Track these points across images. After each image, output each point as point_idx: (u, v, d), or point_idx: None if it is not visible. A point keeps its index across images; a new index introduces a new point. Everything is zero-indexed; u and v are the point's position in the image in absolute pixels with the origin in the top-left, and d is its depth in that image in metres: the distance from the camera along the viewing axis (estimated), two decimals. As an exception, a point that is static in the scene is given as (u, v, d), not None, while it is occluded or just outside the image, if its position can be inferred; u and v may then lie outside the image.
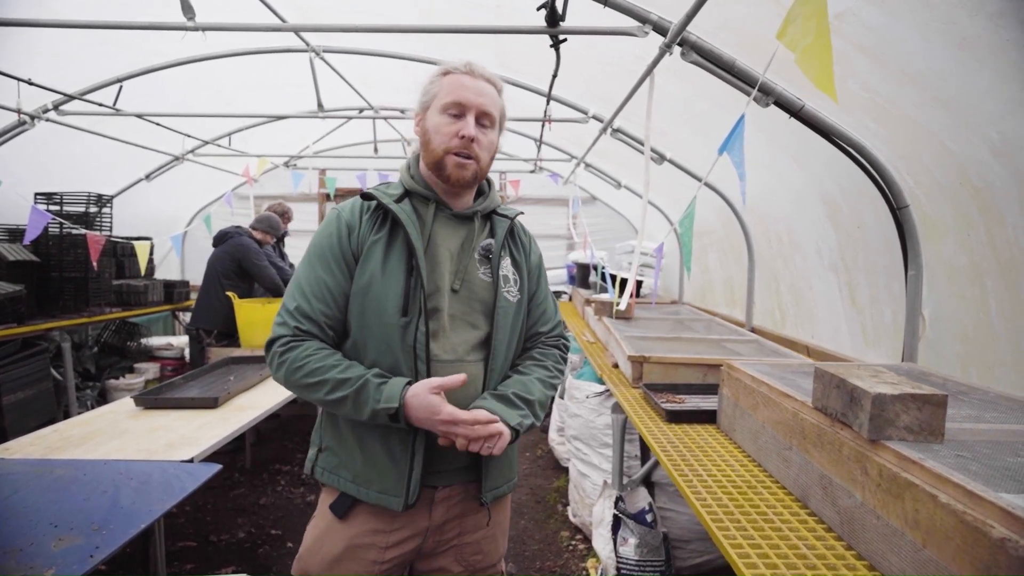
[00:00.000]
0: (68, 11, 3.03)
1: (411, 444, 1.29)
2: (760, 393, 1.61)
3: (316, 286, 1.31)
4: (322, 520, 1.37)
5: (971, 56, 1.49)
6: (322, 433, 1.40)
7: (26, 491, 1.69)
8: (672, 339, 2.98)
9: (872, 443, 1.12)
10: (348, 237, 1.33)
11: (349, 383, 1.24)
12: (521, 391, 1.36)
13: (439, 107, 1.32)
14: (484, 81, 1.33)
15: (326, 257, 1.33)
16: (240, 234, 4.64)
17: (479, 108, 1.31)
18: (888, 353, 2.42)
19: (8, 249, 4.06)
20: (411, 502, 1.29)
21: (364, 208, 1.37)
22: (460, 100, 1.30)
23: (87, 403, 4.60)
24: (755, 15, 2.01)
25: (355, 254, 1.33)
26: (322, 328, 1.31)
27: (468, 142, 1.30)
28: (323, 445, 1.39)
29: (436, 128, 1.32)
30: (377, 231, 1.33)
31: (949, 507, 0.89)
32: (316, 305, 1.31)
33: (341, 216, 1.36)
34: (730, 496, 1.43)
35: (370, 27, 2.70)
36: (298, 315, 1.30)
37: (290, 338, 1.30)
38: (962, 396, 1.48)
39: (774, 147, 2.87)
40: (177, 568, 2.93)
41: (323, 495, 1.40)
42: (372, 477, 1.30)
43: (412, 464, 1.29)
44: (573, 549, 3.22)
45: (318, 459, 1.39)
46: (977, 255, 1.89)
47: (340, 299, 1.32)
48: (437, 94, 1.33)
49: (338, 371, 1.25)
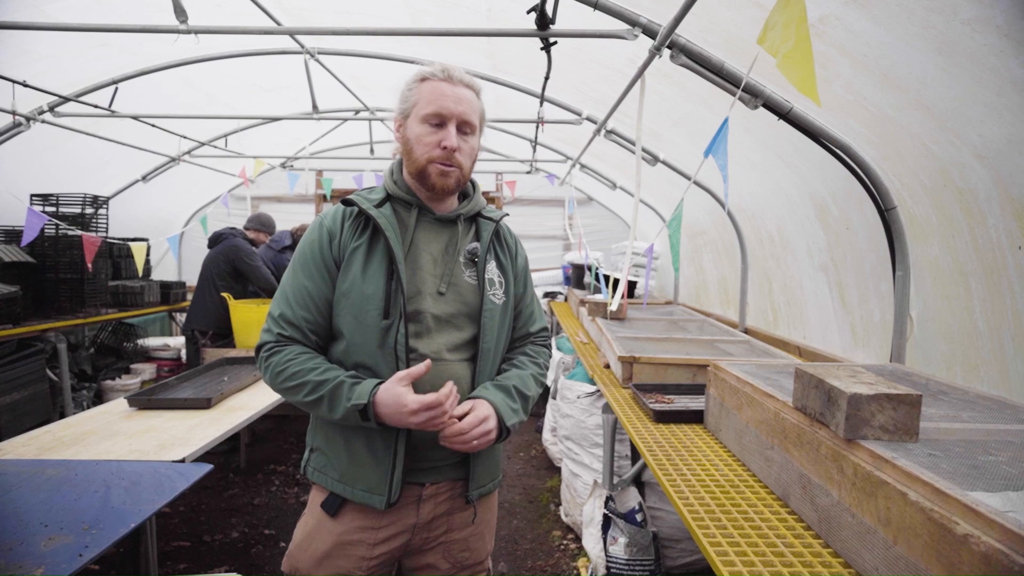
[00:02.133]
0: (63, 15, 3.05)
1: (393, 442, 1.31)
2: (744, 393, 1.63)
3: (299, 293, 1.35)
4: (312, 517, 1.40)
5: (949, 61, 1.51)
6: (314, 434, 1.44)
7: (17, 491, 1.70)
8: (664, 340, 3.00)
9: (848, 442, 1.13)
10: (330, 244, 1.36)
11: (325, 384, 1.28)
12: (520, 385, 1.41)
13: (420, 116, 1.34)
14: (463, 87, 1.35)
15: (308, 264, 1.36)
16: (234, 235, 4.66)
17: (460, 117, 1.33)
18: (877, 352, 2.44)
19: (4, 250, 4.07)
20: (393, 500, 1.31)
21: (346, 214, 1.39)
22: (440, 111, 1.32)
23: (83, 404, 4.61)
24: (739, 18, 2.03)
25: (337, 260, 1.36)
26: (304, 334, 1.35)
27: (450, 153, 1.32)
28: (314, 445, 1.43)
29: (418, 138, 1.34)
30: (358, 237, 1.36)
31: (918, 504, 0.91)
32: (298, 312, 1.34)
33: (323, 223, 1.39)
34: (713, 496, 1.44)
35: (364, 30, 2.72)
36: (282, 321, 1.35)
37: (274, 343, 1.35)
38: (942, 396, 1.50)
39: (765, 149, 2.89)
40: (171, 568, 2.94)
41: (314, 493, 1.43)
42: (357, 476, 1.34)
43: (394, 462, 1.31)
44: (565, 548, 3.23)
45: (310, 459, 1.43)
46: (961, 256, 1.90)
47: (322, 305, 1.35)
48: (417, 102, 1.34)
49: (316, 374, 1.29)
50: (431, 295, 1.36)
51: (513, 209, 7.19)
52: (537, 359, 1.52)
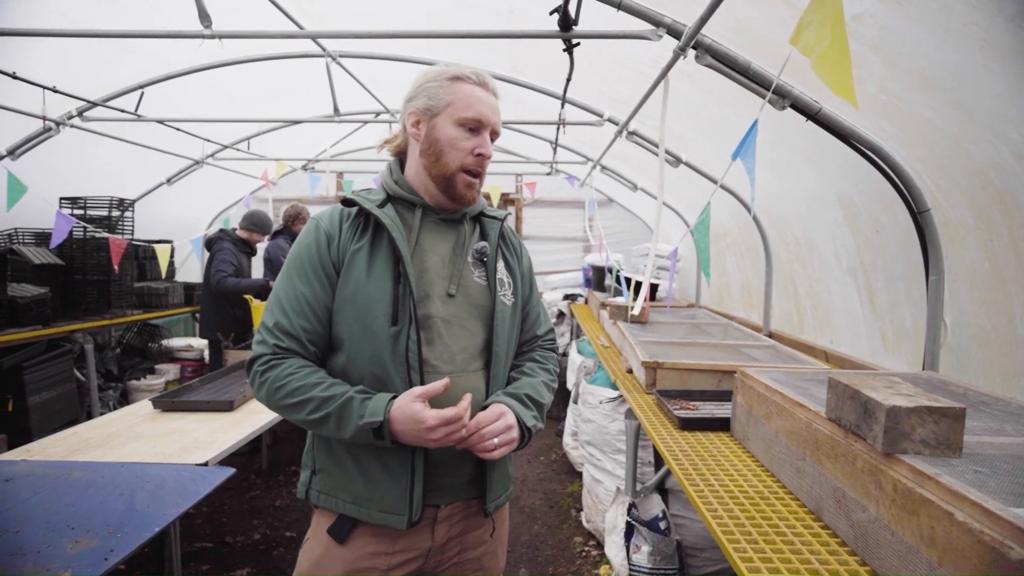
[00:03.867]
0: (91, 22, 3.09)
1: (410, 460, 1.24)
2: (773, 402, 1.58)
3: (295, 300, 1.25)
4: (318, 544, 1.30)
5: (990, 59, 1.45)
6: (314, 455, 1.33)
7: (46, 493, 1.72)
8: (687, 344, 2.95)
9: (887, 456, 1.09)
10: (328, 247, 1.27)
11: (332, 401, 1.19)
12: (533, 394, 1.35)
13: (455, 118, 1.27)
14: (493, 95, 1.31)
15: (305, 269, 1.27)
16: (222, 239, 4.63)
17: (494, 127, 1.30)
18: (909, 358, 2.37)
19: (34, 252, 4.15)
20: (415, 520, 1.24)
21: (345, 215, 1.31)
22: (480, 117, 1.27)
23: (109, 404, 4.69)
24: (766, 17, 1.99)
25: (336, 265, 1.27)
26: (303, 344, 1.26)
27: (483, 160, 1.28)
28: (316, 467, 1.32)
29: (451, 141, 1.27)
30: (359, 239, 1.27)
31: (966, 525, 0.87)
32: (296, 320, 1.24)
33: (320, 225, 1.30)
34: (741, 507, 1.40)
35: (386, 33, 2.71)
36: (278, 331, 1.24)
37: (270, 356, 1.24)
38: (983, 407, 1.44)
39: (789, 150, 2.83)
40: (194, 568, 2.96)
41: (317, 518, 1.33)
42: (373, 496, 1.25)
43: (413, 480, 1.24)
44: (586, 555, 3.20)
45: (311, 482, 1.32)
46: (1000, 260, 1.84)
47: (322, 313, 1.26)
48: (452, 103, 1.27)
49: (321, 389, 1.20)
50: (440, 298, 1.29)
51: (532, 210, 7.17)
52: (546, 364, 1.47)
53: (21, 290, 3.83)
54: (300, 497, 1.35)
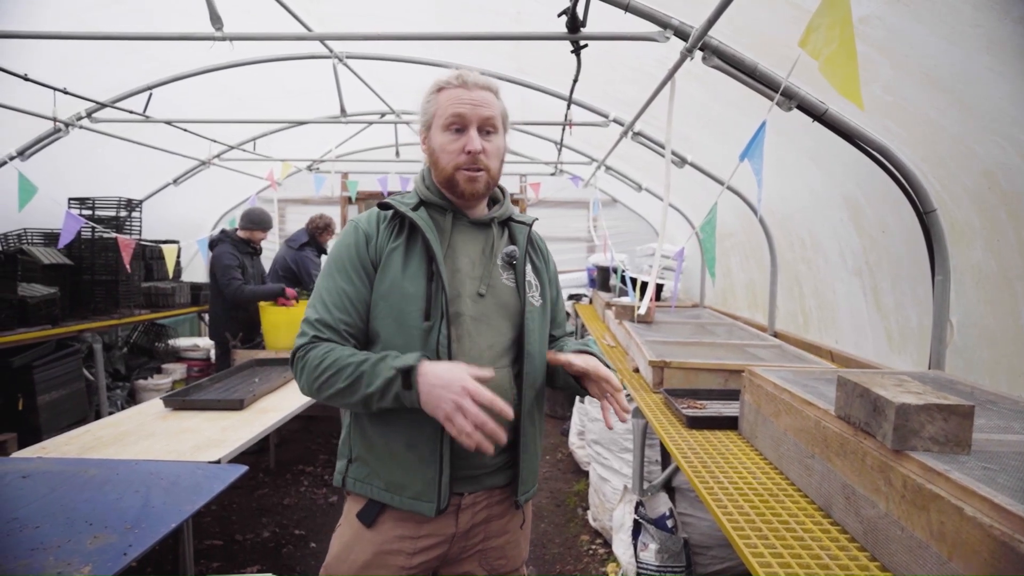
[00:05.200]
0: (101, 24, 3.12)
1: (439, 447, 1.29)
2: (782, 400, 1.60)
3: (336, 296, 1.33)
4: (349, 528, 1.38)
5: (997, 60, 1.47)
6: (351, 444, 1.40)
7: (63, 490, 1.74)
8: (693, 344, 2.97)
9: (896, 453, 1.11)
10: (367, 246, 1.35)
11: (366, 362, 1.24)
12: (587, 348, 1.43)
13: (441, 125, 1.33)
14: (479, 90, 1.34)
15: (345, 267, 1.34)
16: (223, 240, 4.61)
17: (480, 118, 1.32)
18: (914, 359, 2.38)
19: (43, 252, 4.18)
20: (443, 506, 1.30)
21: (381, 218, 1.39)
22: (459, 113, 1.31)
23: (117, 403, 4.72)
24: (773, 19, 2.00)
25: (374, 263, 1.34)
26: (343, 336, 1.32)
27: (475, 156, 1.31)
28: (353, 456, 1.39)
29: (442, 147, 1.34)
30: (395, 239, 1.35)
31: (975, 520, 0.88)
32: (336, 315, 1.32)
33: (359, 227, 1.38)
34: (751, 504, 1.42)
35: (393, 35, 2.74)
36: (319, 325, 1.32)
37: (309, 343, 1.31)
38: (990, 405, 1.45)
39: (795, 150, 2.84)
40: (204, 566, 2.99)
41: (349, 504, 1.41)
42: (405, 483, 1.31)
43: (441, 467, 1.29)
44: (593, 553, 3.21)
45: (348, 470, 1.39)
46: (1007, 260, 1.85)
47: (361, 307, 1.33)
48: (436, 112, 1.34)
49: (357, 357, 1.26)
50: (470, 297, 1.35)
51: (537, 211, 7.18)
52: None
53: (31, 290, 3.86)
54: (336, 485, 1.42)
